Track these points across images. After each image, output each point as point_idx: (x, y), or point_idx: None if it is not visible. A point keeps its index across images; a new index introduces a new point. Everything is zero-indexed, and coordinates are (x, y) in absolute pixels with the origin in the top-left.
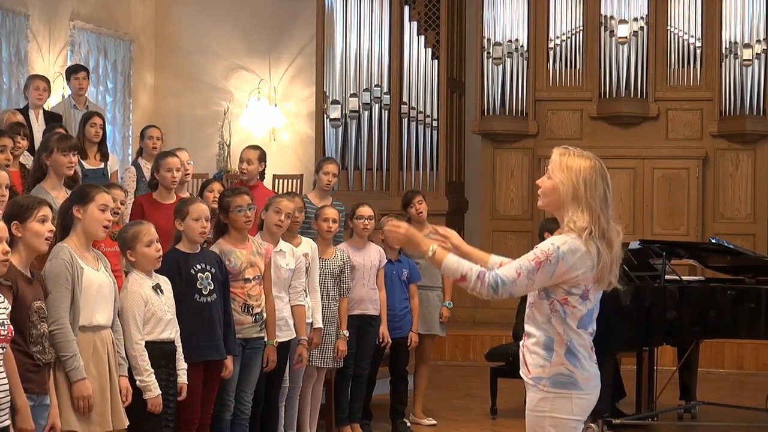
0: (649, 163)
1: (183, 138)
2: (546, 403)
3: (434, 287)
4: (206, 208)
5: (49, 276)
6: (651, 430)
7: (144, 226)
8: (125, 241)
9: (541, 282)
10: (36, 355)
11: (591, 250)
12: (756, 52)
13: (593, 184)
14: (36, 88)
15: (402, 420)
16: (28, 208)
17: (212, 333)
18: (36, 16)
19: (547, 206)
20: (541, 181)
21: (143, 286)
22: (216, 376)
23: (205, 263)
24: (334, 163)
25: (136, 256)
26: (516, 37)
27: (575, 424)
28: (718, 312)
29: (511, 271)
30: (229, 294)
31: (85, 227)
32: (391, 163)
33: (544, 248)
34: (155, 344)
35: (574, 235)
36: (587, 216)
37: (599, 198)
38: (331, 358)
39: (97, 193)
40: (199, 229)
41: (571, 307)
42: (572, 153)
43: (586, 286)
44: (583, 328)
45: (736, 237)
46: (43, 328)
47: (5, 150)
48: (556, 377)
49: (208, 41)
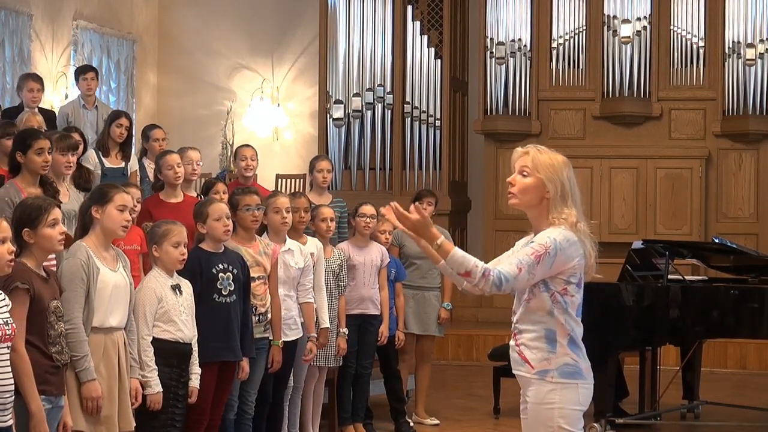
0: (652, 163)
1: (186, 138)
2: (555, 394)
3: (432, 288)
4: (225, 206)
5: (65, 275)
6: (654, 429)
7: (177, 226)
8: (154, 236)
9: (541, 275)
10: (55, 356)
11: (581, 239)
12: (759, 51)
13: (573, 180)
14: (30, 89)
15: (405, 420)
16: (38, 215)
17: (229, 334)
18: (39, 16)
19: (521, 204)
20: (514, 179)
21: (161, 283)
22: (229, 377)
23: (228, 263)
24: (325, 160)
25: (161, 252)
26: (519, 36)
27: (579, 415)
28: (721, 312)
29: (513, 267)
30: (249, 295)
31: (104, 227)
32: (394, 163)
33: (541, 242)
34: (169, 343)
35: (565, 227)
36: (575, 211)
37: (578, 194)
38: (332, 356)
39: (116, 193)
40: (222, 228)
41: (570, 297)
42: (547, 151)
43: (581, 274)
44: (579, 317)
45: (739, 236)
46: (60, 327)
47: (43, 152)
48: (563, 367)
49: (211, 41)
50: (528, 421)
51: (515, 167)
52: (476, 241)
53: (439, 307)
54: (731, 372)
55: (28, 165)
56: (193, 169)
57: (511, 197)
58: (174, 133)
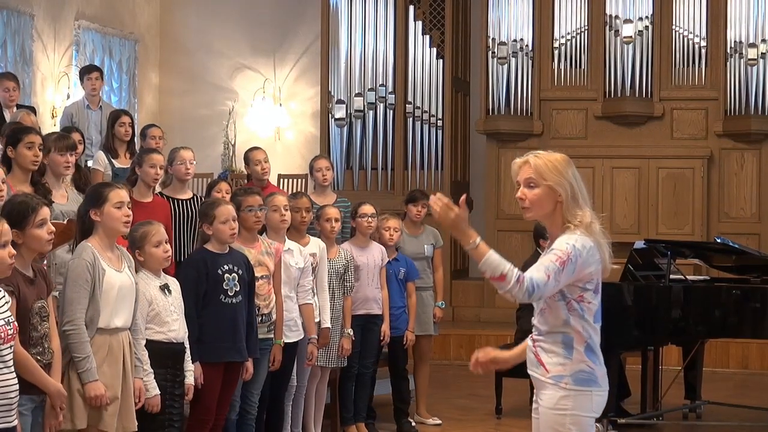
0: (654, 163)
1: (187, 137)
2: (567, 400)
3: (426, 287)
4: (232, 208)
5: (70, 275)
6: (656, 429)
7: (153, 226)
8: (134, 241)
9: (564, 281)
10: (36, 357)
11: (597, 242)
12: (761, 51)
13: (576, 174)
14: (5, 89)
15: (407, 419)
16: (25, 215)
17: (235, 335)
18: (41, 16)
19: (537, 216)
20: (523, 193)
21: (149, 285)
22: (235, 377)
23: (233, 264)
24: (323, 159)
25: (145, 255)
26: (521, 36)
27: (592, 422)
28: (723, 311)
29: (542, 275)
30: (254, 295)
31: (106, 227)
32: (395, 163)
33: (562, 248)
34: (162, 344)
35: (581, 231)
36: (587, 210)
37: (584, 188)
38: (335, 357)
39: (110, 191)
40: (229, 231)
41: (586, 303)
42: (544, 154)
43: (597, 280)
44: (597, 323)
45: (741, 236)
46: (44, 328)
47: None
48: (577, 374)
49: (213, 41)
50: (539, 423)
51: (519, 180)
52: None
53: (434, 306)
54: (733, 372)
55: (18, 159)
56: (186, 169)
57: (525, 211)
58: (176, 133)
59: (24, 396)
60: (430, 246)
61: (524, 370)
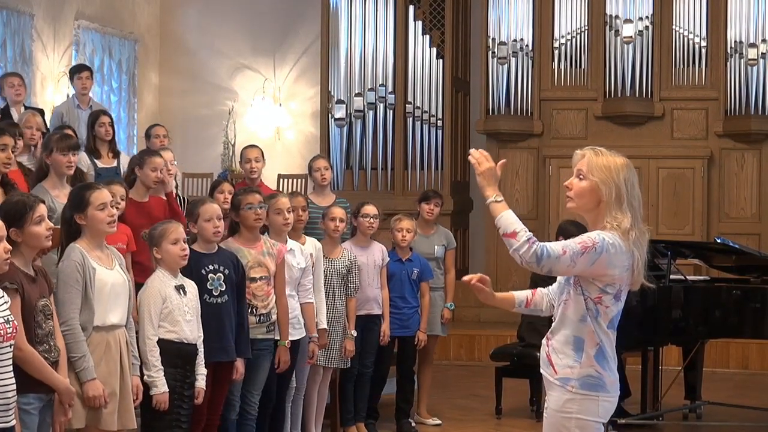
0: (654, 163)
1: (188, 137)
2: (573, 404)
3: (436, 288)
4: (217, 207)
5: (61, 277)
6: (656, 429)
7: (172, 224)
8: (153, 239)
9: (581, 268)
10: (43, 354)
11: (631, 250)
12: (761, 51)
13: (632, 183)
14: (11, 85)
15: (407, 420)
16: (23, 213)
17: (221, 335)
18: (41, 16)
19: (578, 208)
20: (571, 183)
21: (165, 284)
22: (225, 378)
23: (219, 264)
24: (321, 159)
25: (162, 252)
26: (521, 36)
27: (599, 426)
28: (724, 312)
29: (558, 248)
30: (244, 296)
31: (91, 230)
32: (395, 163)
33: (591, 236)
34: (173, 344)
35: (618, 234)
36: (630, 217)
37: (637, 197)
38: (337, 357)
39: (92, 193)
40: (212, 229)
41: (604, 307)
42: (605, 152)
43: (620, 286)
44: (612, 329)
45: (741, 236)
46: (48, 326)
47: (6, 149)
48: (585, 379)
49: (213, 40)
50: (547, 422)
51: (574, 170)
52: (478, 241)
53: (443, 307)
54: (733, 372)
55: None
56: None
57: (568, 201)
58: (176, 133)
59: (31, 395)
60: (441, 247)
61: (524, 370)
